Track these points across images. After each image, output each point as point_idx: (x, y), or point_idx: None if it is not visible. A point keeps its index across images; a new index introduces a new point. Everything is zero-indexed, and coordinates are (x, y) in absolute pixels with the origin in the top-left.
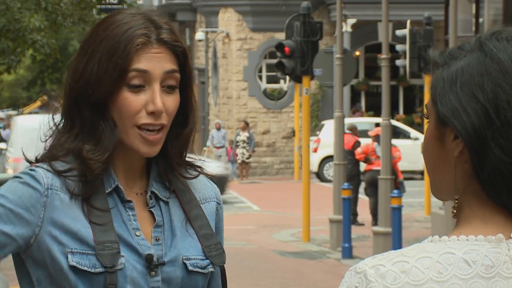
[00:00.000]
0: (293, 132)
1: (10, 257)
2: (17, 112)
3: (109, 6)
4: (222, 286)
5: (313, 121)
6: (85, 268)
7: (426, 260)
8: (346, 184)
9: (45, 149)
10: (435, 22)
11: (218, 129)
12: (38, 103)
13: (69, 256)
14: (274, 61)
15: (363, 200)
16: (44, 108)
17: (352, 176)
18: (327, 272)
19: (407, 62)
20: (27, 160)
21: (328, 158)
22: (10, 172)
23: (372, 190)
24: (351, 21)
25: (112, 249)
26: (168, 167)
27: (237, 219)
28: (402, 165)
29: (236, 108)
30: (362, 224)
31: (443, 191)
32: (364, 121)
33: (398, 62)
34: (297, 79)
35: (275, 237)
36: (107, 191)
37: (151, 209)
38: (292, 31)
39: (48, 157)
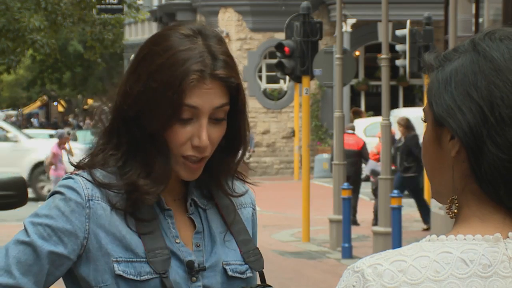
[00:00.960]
0: (293, 132)
1: None
2: (17, 112)
3: (109, 6)
4: None
5: (313, 121)
6: (131, 277)
7: (424, 259)
8: (346, 184)
9: (86, 157)
10: (435, 22)
11: None
12: (38, 103)
13: (115, 265)
14: (274, 61)
15: (362, 200)
16: (45, 108)
17: (357, 177)
18: (327, 272)
19: (407, 62)
20: (71, 163)
21: None
22: (9, 171)
23: None
24: (351, 21)
25: (163, 255)
26: (211, 176)
27: None
28: None
29: None
30: (358, 224)
31: (443, 193)
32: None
33: (398, 62)
34: (297, 79)
35: (274, 237)
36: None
37: (191, 216)
38: (292, 31)
39: (89, 165)
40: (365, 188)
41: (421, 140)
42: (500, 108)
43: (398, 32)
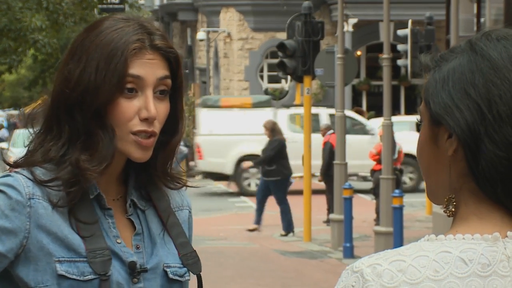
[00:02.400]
0: None
1: None
2: (19, 112)
3: (111, 6)
4: None
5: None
6: (74, 277)
7: (423, 259)
8: (347, 184)
9: (25, 154)
10: (437, 22)
11: None
12: (39, 102)
13: (57, 265)
14: (275, 61)
15: (363, 200)
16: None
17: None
18: (329, 271)
19: (408, 62)
20: (6, 163)
21: None
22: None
23: None
24: (353, 21)
25: (103, 256)
26: (150, 177)
27: (238, 218)
28: None
29: None
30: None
31: (439, 193)
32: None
33: (400, 62)
34: (298, 79)
35: (276, 236)
36: (91, 197)
37: (130, 217)
38: (294, 31)
39: (27, 163)
40: (364, 187)
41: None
42: (498, 105)
43: (400, 32)
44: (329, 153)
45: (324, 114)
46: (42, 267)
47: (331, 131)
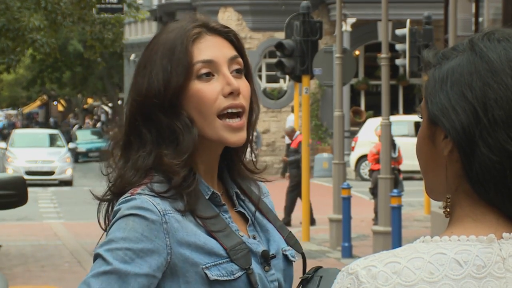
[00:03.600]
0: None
1: (10, 256)
2: (17, 111)
3: (109, 6)
4: (303, 272)
5: (312, 121)
6: (226, 278)
7: (418, 260)
8: (345, 183)
9: (111, 181)
10: (435, 21)
11: None
12: (38, 102)
13: (207, 272)
14: (273, 60)
15: (361, 199)
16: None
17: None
18: None
19: (406, 61)
20: (98, 198)
21: (365, 157)
22: (10, 172)
23: None
24: (351, 20)
25: (243, 251)
26: (237, 166)
27: None
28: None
29: None
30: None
31: (436, 190)
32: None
33: (398, 62)
34: (296, 78)
35: None
36: (206, 198)
37: (239, 210)
38: (292, 31)
39: (124, 184)
40: (364, 187)
41: None
42: (493, 109)
43: (398, 32)
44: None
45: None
46: (191, 277)
47: (298, 132)
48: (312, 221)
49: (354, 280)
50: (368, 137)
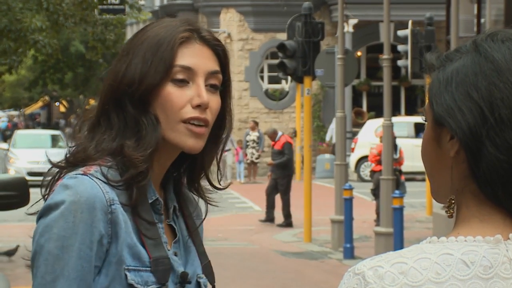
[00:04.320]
0: (295, 133)
1: (12, 257)
2: (19, 112)
3: (111, 7)
4: None
5: (314, 122)
6: (139, 286)
7: (425, 261)
8: (347, 184)
9: (71, 152)
10: (437, 22)
11: None
12: (40, 103)
13: (127, 274)
14: (275, 61)
15: (363, 200)
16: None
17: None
18: (329, 272)
19: (408, 62)
20: (55, 165)
21: (365, 158)
22: (12, 173)
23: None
24: (353, 21)
25: (165, 265)
26: (192, 181)
27: (239, 219)
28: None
29: (238, 108)
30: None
31: (442, 193)
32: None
33: (400, 63)
34: (298, 79)
35: (276, 237)
36: (150, 202)
37: (170, 223)
38: (294, 32)
39: (82, 159)
40: (364, 188)
41: None
42: (500, 109)
43: (400, 33)
44: (290, 151)
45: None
46: (111, 273)
47: (280, 133)
48: (289, 224)
49: (360, 281)
50: (368, 138)
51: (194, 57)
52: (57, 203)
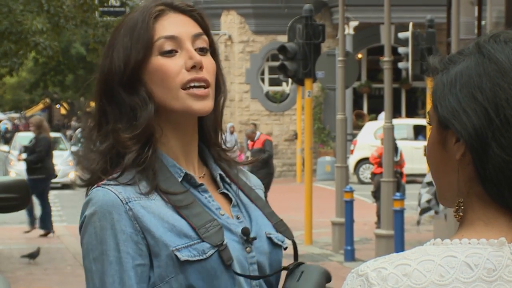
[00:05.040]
0: (296, 135)
1: (12, 259)
2: (20, 114)
3: (112, 9)
4: (295, 259)
5: (315, 124)
6: (197, 258)
7: (428, 263)
8: (348, 186)
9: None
10: (437, 24)
11: (232, 133)
12: (41, 105)
13: (177, 253)
14: (276, 63)
15: (364, 203)
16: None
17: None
18: None
19: (409, 64)
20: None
21: (364, 160)
22: (12, 175)
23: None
24: (354, 23)
25: (214, 227)
26: (218, 152)
27: None
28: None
29: (239, 110)
30: None
31: (449, 196)
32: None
33: (401, 65)
34: (299, 81)
35: None
36: (179, 180)
37: (223, 191)
38: (295, 34)
39: (98, 168)
40: (366, 191)
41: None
42: (505, 110)
43: (401, 35)
44: (271, 148)
45: None
46: (163, 261)
47: (259, 132)
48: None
49: (364, 282)
50: (367, 140)
51: (174, 26)
52: (82, 221)
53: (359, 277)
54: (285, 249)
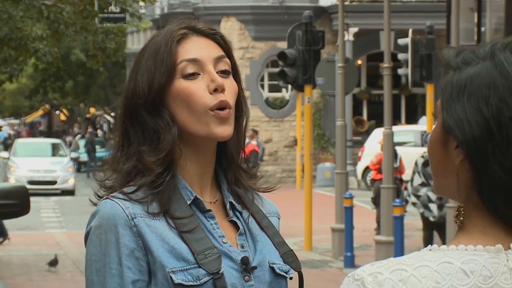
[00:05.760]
0: (295, 141)
1: (12, 265)
2: (19, 121)
3: (111, 15)
4: None
5: (315, 130)
6: (191, 283)
7: (424, 269)
8: (348, 193)
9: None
10: (437, 31)
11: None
12: (40, 111)
13: (173, 276)
14: (276, 70)
15: (364, 209)
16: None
17: None
18: (329, 281)
19: (409, 71)
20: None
21: None
22: (12, 181)
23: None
24: (353, 30)
25: (213, 254)
26: (234, 174)
27: None
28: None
29: None
30: None
31: (446, 192)
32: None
33: (400, 71)
34: (299, 88)
35: None
36: (188, 203)
37: (232, 219)
38: (294, 40)
39: (117, 185)
40: (366, 197)
41: None
42: (508, 128)
43: (400, 41)
44: (256, 159)
45: None
46: (159, 280)
47: (248, 139)
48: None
49: (360, 286)
50: (375, 146)
51: (197, 49)
52: (87, 232)
53: (355, 282)
54: (290, 279)
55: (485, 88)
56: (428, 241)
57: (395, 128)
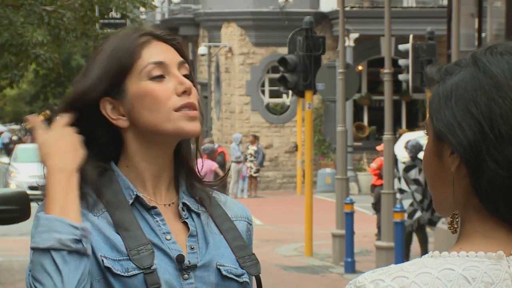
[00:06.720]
0: (296, 147)
1: (12, 271)
2: (20, 126)
3: (112, 21)
4: None
5: (315, 136)
6: (119, 273)
7: (426, 276)
8: (348, 198)
9: None
10: (438, 36)
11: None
12: (41, 117)
13: (104, 260)
14: (276, 75)
15: (364, 215)
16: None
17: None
18: (330, 286)
19: (409, 76)
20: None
21: None
22: (13, 187)
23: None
24: (354, 35)
25: (146, 250)
26: (194, 179)
27: None
28: None
29: (239, 122)
30: None
31: (445, 207)
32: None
33: (401, 77)
34: (299, 93)
35: (277, 251)
36: (130, 203)
37: (185, 220)
38: (295, 46)
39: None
40: (367, 202)
41: None
42: (499, 125)
43: (401, 47)
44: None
45: None
46: (92, 260)
47: (216, 144)
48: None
49: None
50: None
51: (161, 53)
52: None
53: None
54: (242, 283)
55: (471, 91)
56: (406, 242)
57: (419, 133)
